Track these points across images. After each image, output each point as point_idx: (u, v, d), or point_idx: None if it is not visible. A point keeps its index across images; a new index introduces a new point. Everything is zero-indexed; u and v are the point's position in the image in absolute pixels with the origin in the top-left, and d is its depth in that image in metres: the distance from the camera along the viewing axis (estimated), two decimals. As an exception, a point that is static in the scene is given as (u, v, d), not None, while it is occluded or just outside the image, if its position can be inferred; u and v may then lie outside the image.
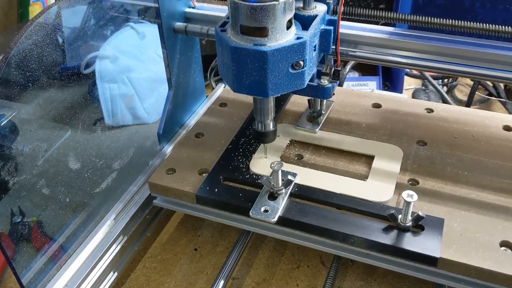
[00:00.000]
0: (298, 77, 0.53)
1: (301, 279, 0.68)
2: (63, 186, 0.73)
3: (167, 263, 0.71)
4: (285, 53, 0.51)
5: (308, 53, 0.53)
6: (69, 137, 0.82)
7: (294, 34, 0.52)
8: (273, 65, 0.51)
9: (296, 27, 0.54)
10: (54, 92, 0.85)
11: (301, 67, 0.53)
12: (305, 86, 0.55)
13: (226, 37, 0.52)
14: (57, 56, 0.74)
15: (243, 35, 0.51)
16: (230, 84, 0.55)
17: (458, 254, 0.54)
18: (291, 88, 0.54)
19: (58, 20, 0.79)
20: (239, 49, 0.51)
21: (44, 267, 0.60)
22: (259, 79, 0.52)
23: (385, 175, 0.63)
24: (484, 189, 0.62)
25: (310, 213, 0.60)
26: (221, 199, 0.62)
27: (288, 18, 0.51)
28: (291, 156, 0.69)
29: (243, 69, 0.52)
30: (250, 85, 0.53)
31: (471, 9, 0.64)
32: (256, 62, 0.51)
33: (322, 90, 0.61)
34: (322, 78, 0.60)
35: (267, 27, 0.50)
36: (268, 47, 0.50)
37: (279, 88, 0.53)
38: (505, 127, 0.72)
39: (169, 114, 0.75)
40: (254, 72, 0.51)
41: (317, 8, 0.57)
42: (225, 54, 0.53)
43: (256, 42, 0.50)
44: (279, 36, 0.51)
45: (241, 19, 0.50)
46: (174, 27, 0.72)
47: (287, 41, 0.51)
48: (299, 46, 0.51)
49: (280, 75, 0.52)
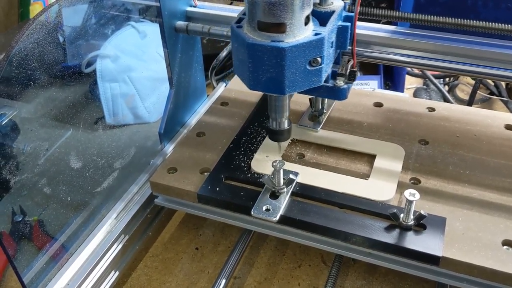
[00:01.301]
0: (316, 74, 0.52)
1: (302, 278, 0.67)
2: (64, 185, 0.72)
3: (168, 262, 0.71)
4: (303, 49, 0.50)
5: (326, 49, 0.52)
6: (70, 136, 0.82)
7: (312, 30, 0.51)
8: (291, 62, 0.50)
9: (313, 23, 0.52)
10: (55, 91, 0.84)
11: (319, 63, 0.51)
12: (322, 83, 0.54)
13: (243, 34, 0.51)
14: (58, 55, 0.74)
15: (260, 31, 0.50)
16: (246, 81, 0.53)
17: (460, 253, 0.54)
18: (308, 86, 0.53)
19: (59, 19, 0.79)
20: (256, 45, 0.50)
21: (46, 266, 0.60)
22: (276, 76, 0.51)
23: (387, 174, 0.63)
24: (486, 188, 0.62)
25: (312, 212, 0.59)
26: (223, 198, 0.62)
27: (306, 13, 0.50)
28: (293, 155, 0.69)
29: (259, 66, 0.51)
30: (267, 82, 0.52)
31: (473, 8, 0.64)
32: (273, 58, 0.50)
33: (338, 91, 0.59)
34: (337, 79, 0.58)
35: (285, 23, 0.49)
36: (286, 44, 0.49)
37: (296, 85, 0.52)
38: (507, 126, 0.72)
39: (170, 113, 0.75)
40: (271, 69, 0.50)
41: (334, 4, 0.56)
42: (241, 51, 0.52)
43: (273, 38, 0.49)
44: (297, 32, 0.49)
45: (258, 15, 0.49)
46: (176, 26, 0.72)
47: (305, 37, 0.50)
48: (317, 42, 0.50)
49: (298, 72, 0.51)
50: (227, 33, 0.70)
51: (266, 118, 0.74)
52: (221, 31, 0.70)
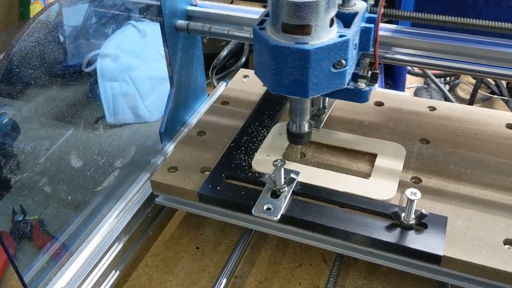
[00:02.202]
0: (339, 76, 0.51)
1: (303, 277, 0.67)
2: (65, 184, 0.72)
3: (169, 261, 0.71)
4: (327, 51, 0.49)
5: (350, 51, 0.51)
6: (71, 135, 0.82)
7: (336, 32, 0.50)
8: (315, 64, 0.49)
9: (337, 24, 0.52)
10: (55, 90, 0.84)
11: (343, 66, 0.51)
12: (345, 85, 0.53)
13: (266, 35, 0.50)
14: (59, 54, 0.74)
15: (284, 33, 0.49)
16: (268, 84, 0.53)
17: (462, 252, 0.54)
18: (332, 88, 0.52)
19: (60, 18, 0.79)
20: (280, 47, 0.49)
21: (46, 266, 0.60)
22: (299, 79, 0.50)
23: (388, 173, 0.63)
24: (488, 187, 0.62)
25: (313, 211, 0.59)
26: (223, 197, 0.62)
27: (331, 15, 0.49)
28: (294, 154, 0.69)
29: (283, 68, 0.50)
30: (290, 85, 0.51)
31: (474, 7, 0.64)
32: (297, 61, 0.49)
33: (359, 93, 0.57)
34: (359, 81, 0.57)
35: (310, 25, 0.48)
36: (310, 46, 0.48)
37: (320, 88, 0.51)
38: (508, 125, 0.72)
39: (171, 112, 0.75)
40: (295, 72, 0.49)
41: (357, 5, 0.55)
42: (264, 53, 0.51)
43: (298, 40, 0.48)
44: (322, 34, 0.49)
45: (283, 17, 0.48)
46: (176, 25, 0.72)
47: (330, 39, 0.49)
48: (342, 44, 0.49)
49: (322, 74, 0.50)
50: (227, 32, 0.70)
51: (267, 118, 0.75)
52: (221, 30, 0.70)
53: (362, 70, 0.57)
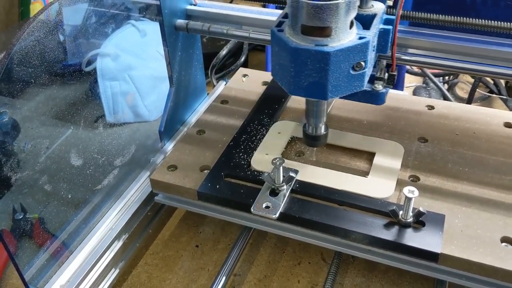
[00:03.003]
0: (358, 78, 0.51)
1: (302, 275, 0.68)
2: (65, 183, 0.73)
3: (168, 260, 0.71)
4: (347, 53, 0.49)
5: (369, 53, 0.51)
6: (71, 134, 0.82)
7: (355, 34, 0.50)
8: (335, 66, 0.49)
9: (356, 26, 0.51)
10: (55, 89, 0.85)
11: (362, 68, 0.50)
12: (364, 87, 0.53)
13: (285, 37, 0.50)
14: (59, 53, 0.75)
15: (304, 35, 0.49)
16: (286, 86, 0.52)
17: (459, 250, 0.54)
18: (350, 90, 0.52)
19: (60, 17, 0.79)
20: (300, 49, 0.48)
21: (46, 263, 0.60)
22: (318, 81, 0.49)
23: (386, 172, 0.64)
24: (485, 185, 0.62)
25: (312, 209, 0.60)
26: (223, 195, 0.62)
27: (351, 17, 0.49)
28: (293, 153, 0.69)
29: (302, 70, 0.49)
30: (309, 87, 0.50)
31: (473, 6, 0.64)
32: (317, 63, 0.48)
33: (376, 95, 0.57)
34: (376, 83, 0.57)
35: (330, 27, 0.47)
36: (330, 48, 0.48)
37: (338, 90, 0.51)
38: (506, 124, 0.72)
39: (171, 111, 0.76)
40: (314, 74, 0.49)
41: (375, 7, 0.55)
42: (283, 55, 0.50)
43: (317, 42, 0.48)
44: (342, 36, 0.48)
45: (303, 19, 0.48)
46: (176, 24, 0.72)
47: (349, 41, 0.49)
48: (362, 46, 0.49)
49: (341, 76, 0.50)
50: (227, 31, 0.70)
51: (266, 116, 0.75)
52: (221, 29, 0.71)
53: (378, 71, 0.57)
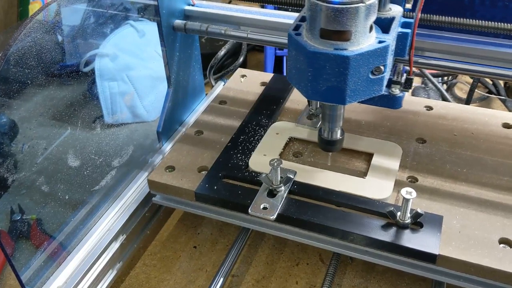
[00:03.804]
0: (377, 82, 0.50)
1: (300, 276, 0.68)
2: (63, 183, 0.73)
3: (166, 260, 0.71)
4: (367, 57, 0.48)
5: (389, 57, 0.50)
6: (69, 135, 0.82)
7: (375, 38, 0.49)
8: (354, 71, 0.48)
9: (375, 30, 0.50)
10: (53, 90, 0.85)
11: (382, 72, 0.49)
12: (383, 92, 0.52)
13: (303, 41, 0.49)
14: (56, 54, 0.75)
15: (323, 38, 0.48)
16: (303, 90, 0.52)
17: (457, 251, 0.54)
18: (369, 95, 0.51)
19: (58, 18, 0.79)
20: (318, 54, 0.47)
21: (44, 265, 0.60)
22: (337, 85, 0.49)
23: (384, 173, 0.63)
24: (484, 186, 0.62)
25: (309, 210, 0.60)
26: (220, 196, 0.62)
27: (371, 20, 0.48)
28: (291, 154, 0.69)
29: (320, 75, 0.49)
30: (327, 92, 0.50)
31: (471, 6, 0.64)
32: (336, 67, 0.48)
33: (393, 99, 0.56)
34: (392, 86, 0.56)
35: (350, 31, 0.47)
36: (350, 52, 0.47)
37: (357, 94, 0.50)
38: (504, 125, 0.72)
39: (169, 112, 0.75)
40: (333, 78, 0.48)
41: (393, 10, 0.54)
42: (300, 59, 0.50)
43: (336, 46, 0.47)
44: (361, 40, 0.47)
45: (321, 22, 0.47)
46: (174, 24, 0.72)
47: (369, 45, 0.48)
48: (382, 50, 0.48)
49: (360, 81, 0.49)
50: (225, 31, 0.70)
51: (264, 117, 0.75)
52: (219, 30, 0.70)
53: (395, 75, 0.56)
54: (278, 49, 1.06)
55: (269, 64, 1.05)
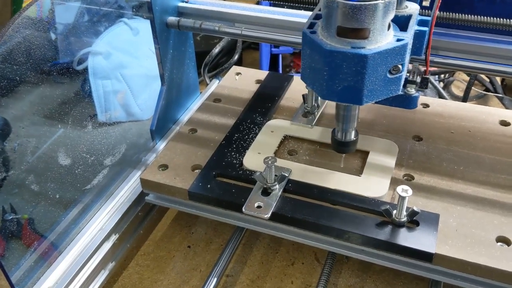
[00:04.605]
0: (395, 82, 0.49)
1: (296, 276, 0.67)
2: (55, 183, 0.72)
3: (160, 260, 0.70)
4: (385, 56, 0.47)
5: (407, 56, 0.49)
6: (62, 134, 0.81)
7: (393, 36, 0.48)
8: (372, 70, 0.47)
9: (393, 28, 0.49)
10: (47, 88, 0.84)
11: (399, 71, 0.48)
12: (400, 92, 0.51)
13: (318, 40, 0.48)
14: (47, 51, 0.74)
15: (340, 37, 0.47)
16: (318, 90, 0.50)
17: (454, 250, 0.53)
18: (386, 95, 0.49)
19: (50, 15, 0.79)
20: (335, 52, 0.46)
21: (34, 265, 0.59)
22: (354, 85, 0.48)
23: (380, 171, 0.63)
24: (481, 184, 0.61)
25: (304, 209, 0.59)
26: (214, 195, 0.61)
27: (390, 18, 0.47)
28: (285, 152, 0.68)
29: (337, 74, 0.47)
30: (343, 91, 0.48)
31: (468, 2, 0.63)
32: (353, 66, 0.46)
33: (409, 99, 0.54)
34: (408, 86, 0.54)
35: (368, 28, 0.45)
36: (368, 50, 0.46)
37: (374, 94, 0.49)
38: (501, 122, 0.71)
39: (162, 110, 0.75)
40: (350, 77, 0.47)
41: (409, 8, 0.52)
42: (316, 58, 0.48)
43: (354, 44, 0.46)
44: (379, 38, 0.46)
45: (338, 20, 0.46)
46: (167, 21, 0.71)
47: (387, 43, 0.47)
48: (401, 49, 0.47)
49: (377, 80, 0.48)
50: (218, 28, 0.69)
51: (259, 115, 0.74)
52: (212, 27, 0.70)
53: (411, 75, 0.55)
54: (273, 47, 1.05)
55: (264, 62, 1.04)
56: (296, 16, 0.68)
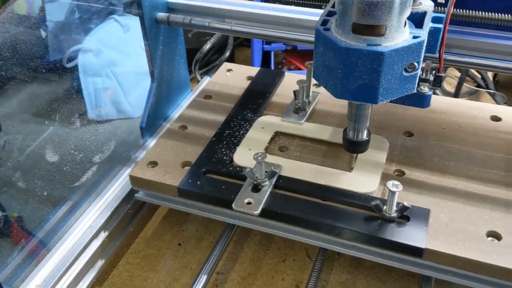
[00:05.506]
0: (410, 80, 0.48)
1: (287, 273, 0.66)
2: (45, 180, 0.71)
3: (150, 258, 0.69)
4: (402, 54, 0.46)
5: (423, 53, 0.48)
6: (52, 131, 0.80)
7: (409, 33, 0.47)
8: (388, 68, 0.46)
9: (409, 25, 0.48)
10: (37, 86, 0.83)
11: (415, 69, 0.47)
12: (415, 90, 0.50)
13: (333, 37, 0.47)
14: (35, 47, 0.73)
15: (355, 34, 0.46)
16: (332, 89, 0.49)
17: (444, 245, 0.53)
18: (401, 93, 0.49)
19: (39, 11, 0.78)
20: (351, 50, 0.45)
21: (22, 263, 0.58)
22: (369, 83, 0.47)
23: (371, 166, 0.62)
24: (471, 179, 0.61)
25: (294, 205, 0.58)
26: (204, 192, 0.61)
27: (406, 15, 0.46)
28: (276, 148, 0.68)
29: (352, 72, 0.46)
30: (357, 90, 0.47)
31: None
32: (369, 64, 0.45)
33: (422, 98, 0.53)
34: (421, 84, 0.53)
35: (384, 25, 0.44)
36: (384, 48, 0.45)
37: (389, 93, 0.48)
38: (492, 118, 0.71)
39: (152, 107, 0.74)
40: (365, 76, 0.46)
41: (423, 4, 0.52)
42: (330, 56, 0.47)
43: (370, 42, 0.45)
44: (395, 35, 0.45)
45: (354, 17, 0.45)
46: (157, 17, 0.71)
47: (404, 40, 0.46)
48: (417, 46, 0.46)
49: (393, 78, 0.47)
50: (208, 24, 0.69)
51: (249, 111, 0.74)
52: (202, 22, 0.69)
53: (424, 73, 0.54)
54: (265, 44, 1.05)
55: (256, 58, 1.04)
56: (287, 12, 0.68)
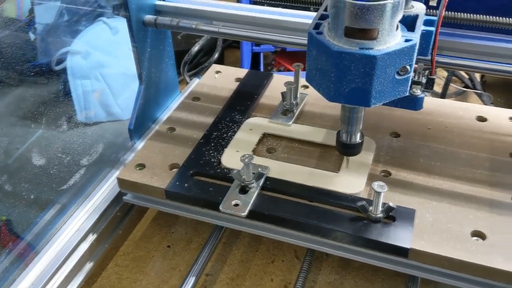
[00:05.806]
0: (402, 83, 0.48)
1: (276, 274, 0.67)
2: (33, 184, 0.71)
3: (139, 260, 0.70)
4: (394, 57, 0.46)
5: (415, 56, 0.48)
6: (41, 135, 0.80)
7: (401, 36, 0.48)
8: (380, 71, 0.46)
9: (401, 28, 0.49)
10: (24, 89, 0.83)
11: (408, 72, 0.48)
12: (407, 93, 0.50)
13: (325, 40, 0.47)
14: (21, 51, 0.73)
15: (347, 37, 0.46)
16: (325, 93, 0.49)
17: (430, 245, 0.53)
18: (394, 96, 0.49)
19: (29, 14, 0.78)
20: (343, 53, 0.45)
21: (10, 266, 0.58)
22: (362, 87, 0.47)
23: (357, 167, 0.63)
24: (457, 179, 0.62)
25: (281, 206, 0.59)
26: (191, 194, 0.61)
27: (398, 18, 0.46)
28: (264, 150, 0.68)
29: (344, 75, 0.47)
30: (350, 93, 0.48)
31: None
32: (361, 67, 0.46)
33: (414, 101, 0.53)
34: (413, 87, 0.53)
35: (376, 29, 0.45)
36: (376, 51, 0.45)
37: (382, 96, 0.48)
38: (478, 118, 0.72)
39: (141, 109, 0.74)
40: (358, 79, 0.47)
41: (415, 8, 0.52)
42: (322, 59, 0.48)
43: (362, 45, 0.45)
44: (388, 39, 0.46)
45: (346, 20, 0.45)
46: (144, 20, 0.71)
47: (396, 44, 0.46)
48: (409, 49, 0.47)
49: (385, 81, 0.47)
50: (195, 26, 0.69)
51: (238, 113, 0.74)
52: (189, 24, 0.69)
53: (416, 75, 0.54)
54: (254, 45, 1.05)
55: (245, 60, 1.04)
56: (274, 14, 0.68)
